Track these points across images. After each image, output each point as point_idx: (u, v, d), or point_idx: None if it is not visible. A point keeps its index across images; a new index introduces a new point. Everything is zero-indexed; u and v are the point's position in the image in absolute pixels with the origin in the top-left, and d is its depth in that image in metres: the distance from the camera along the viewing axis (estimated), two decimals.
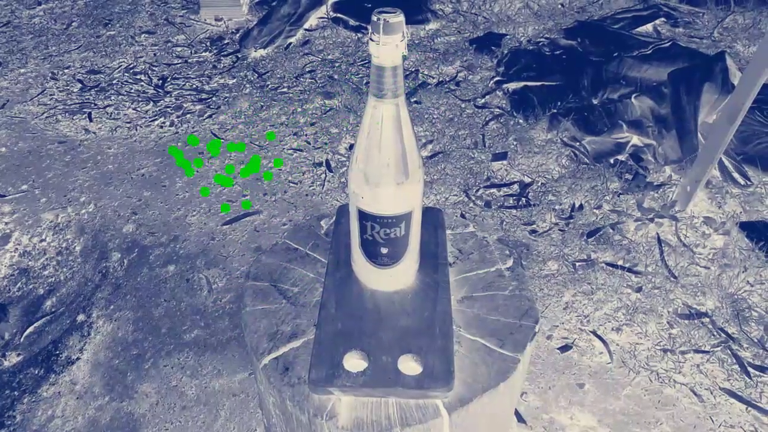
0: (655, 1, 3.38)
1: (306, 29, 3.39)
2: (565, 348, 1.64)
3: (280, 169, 2.34)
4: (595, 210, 2.08)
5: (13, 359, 1.70)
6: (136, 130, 2.63)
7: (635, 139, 2.34)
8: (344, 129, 2.55)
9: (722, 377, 1.55)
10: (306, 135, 2.53)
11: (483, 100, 2.71)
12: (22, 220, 2.14)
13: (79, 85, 2.95)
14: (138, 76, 3.02)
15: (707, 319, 1.69)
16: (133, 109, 2.77)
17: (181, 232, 2.07)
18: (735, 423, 1.45)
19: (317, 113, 2.67)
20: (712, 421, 1.45)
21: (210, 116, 2.69)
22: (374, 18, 0.63)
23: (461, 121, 2.58)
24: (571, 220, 2.04)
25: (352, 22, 3.37)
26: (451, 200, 2.15)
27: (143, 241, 2.04)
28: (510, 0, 3.53)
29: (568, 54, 2.89)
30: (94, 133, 2.61)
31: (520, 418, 1.47)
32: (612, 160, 2.28)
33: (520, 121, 2.55)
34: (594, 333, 1.67)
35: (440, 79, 2.88)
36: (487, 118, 2.59)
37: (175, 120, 2.67)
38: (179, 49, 3.28)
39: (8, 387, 1.62)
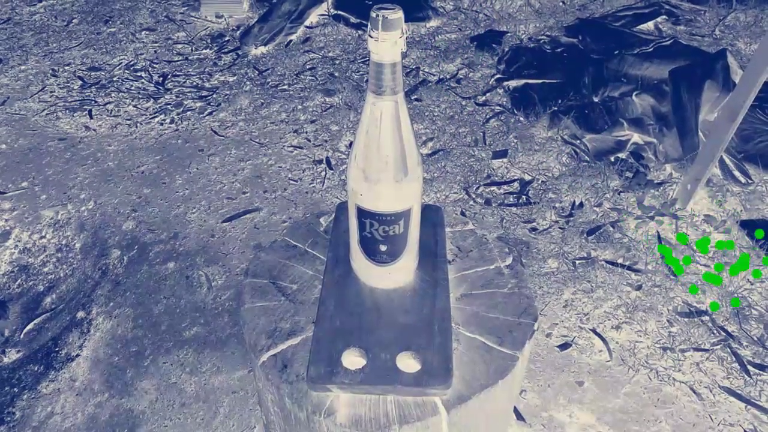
0: None
1: (307, 26, 3.39)
2: (564, 346, 1.64)
3: (280, 167, 2.34)
4: (595, 208, 2.08)
5: (12, 356, 1.71)
6: (137, 127, 2.63)
7: (636, 137, 2.34)
8: (344, 126, 2.55)
9: (722, 375, 1.55)
10: (306, 132, 2.53)
11: (484, 98, 2.71)
12: (22, 217, 2.14)
13: (80, 82, 2.95)
14: (138, 74, 3.02)
15: (707, 318, 1.68)
16: (134, 106, 2.77)
17: (181, 229, 2.07)
18: (734, 421, 1.45)
19: (317, 111, 2.67)
20: (712, 419, 1.45)
21: (210, 113, 2.69)
22: (373, 14, 0.63)
23: (462, 118, 2.58)
24: (572, 218, 2.04)
25: (353, 19, 3.36)
26: (451, 198, 2.14)
27: (143, 238, 2.04)
28: None
29: (569, 52, 2.88)
30: (95, 130, 2.61)
31: (519, 416, 1.47)
32: (612, 158, 2.28)
33: (521, 118, 2.55)
34: (593, 331, 1.67)
35: (441, 77, 2.88)
36: (487, 116, 2.58)
37: (176, 117, 2.67)
38: (180, 46, 3.28)
39: (8, 383, 1.62)
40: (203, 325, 1.75)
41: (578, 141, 2.37)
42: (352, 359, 0.77)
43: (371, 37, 0.64)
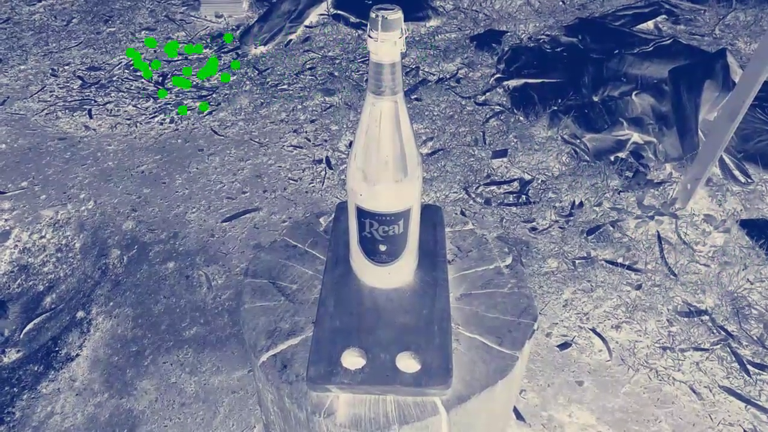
0: None
1: (306, 26, 3.39)
2: (564, 345, 1.64)
3: (280, 166, 2.34)
4: (595, 207, 2.08)
5: (12, 356, 1.71)
6: (136, 126, 2.62)
7: (636, 137, 2.34)
8: (344, 126, 2.55)
9: (721, 375, 1.55)
10: (306, 132, 2.53)
11: (483, 98, 2.71)
12: (22, 217, 2.14)
13: (80, 82, 2.95)
14: (138, 73, 3.02)
15: (707, 317, 1.68)
16: (133, 105, 2.77)
17: (181, 228, 2.07)
18: (734, 421, 1.45)
19: (317, 110, 2.67)
20: (711, 419, 1.45)
21: (210, 113, 2.69)
22: (372, 15, 0.63)
23: (461, 118, 2.58)
24: (571, 218, 2.04)
25: (352, 18, 3.36)
26: (451, 197, 2.14)
27: (143, 238, 2.04)
28: None
29: (569, 51, 2.88)
30: (94, 129, 2.61)
31: (519, 416, 1.47)
32: (612, 158, 2.28)
33: (521, 118, 2.55)
34: (593, 330, 1.67)
35: (441, 76, 2.88)
36: (487, 116, 2.58)
37: (175, 117, 2.67)
38: (179, 45, 3.27)
39: (7, 383, 1.62)
40: (203, 325, 1.75)
41: (578, 140, 2.37)
42: (352, 359, 0.77)
43: (371, 37, 0.65)
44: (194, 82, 1.93)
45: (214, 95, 2.81)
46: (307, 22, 3.39)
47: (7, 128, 2.62)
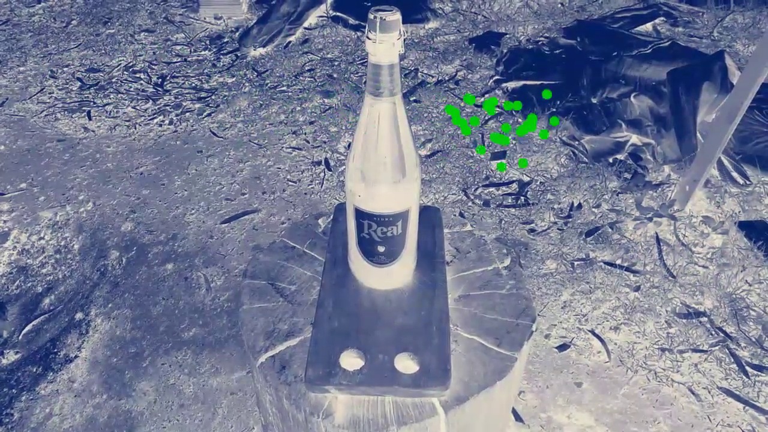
0: (655, 1, 3.38)
1: (305, 28, 3.39)
2: (563, 347, 1.64)
3: (279, 168, 2.34)
4: (593, 209, 2.08)
5: (11, 357, 1.70)
6: (135, 128, 2.63)
7: (634, 139, 2.34)
8: (343, 128, 2.55)
9: (720, 376, 1.55)
10: (305, 134, 2.53)
11: (482, 99, 2.71)
12: (21, 218, 2.14)
13: (79, 84, 2.95)
14: (137, 75, 3.02)
15: (705, 319, 1.69)
16: (133, 107, 2.77)
17: (180, 230, 2.07)
18: (732, 422, 1.45)
19: (316, 112, 2.67)
20: (710, 420, 1.45)
21: (209, 115, 2.69)
22: (371, 16, 0.63)
23: (460, 119, 2.58)
24: (570, 219, 2.04)
25: (351, 20, 3.37)
26: (450, 199, 2.15)
27: (142, 240, 2.04)
28: None
29: (568, 53, 2.88)
30: (93, 131, 2.61)
31: (517, 417, 1.47)
32: (611, 160, 2.28)
33: (520, 120, 2.55)
34: (592, 332, 1.67)
35: (439, 78, 2.88)
36: (486, 117, 2.59)
37: (174, 119, 2.67)
38: (178, 47, 3.28)
39: (6, 385, 1.62)
40: (202, 327, 1.75)
41: (577, 142, 2.38)
42: (351, 360, 0.77)
43: (369, 38, 0.65)
44: (512, 138, 2.10)
45: (213, 96, 2.81)
46: (306, 24, 3.40)
47: (7, 130, 2.62)
